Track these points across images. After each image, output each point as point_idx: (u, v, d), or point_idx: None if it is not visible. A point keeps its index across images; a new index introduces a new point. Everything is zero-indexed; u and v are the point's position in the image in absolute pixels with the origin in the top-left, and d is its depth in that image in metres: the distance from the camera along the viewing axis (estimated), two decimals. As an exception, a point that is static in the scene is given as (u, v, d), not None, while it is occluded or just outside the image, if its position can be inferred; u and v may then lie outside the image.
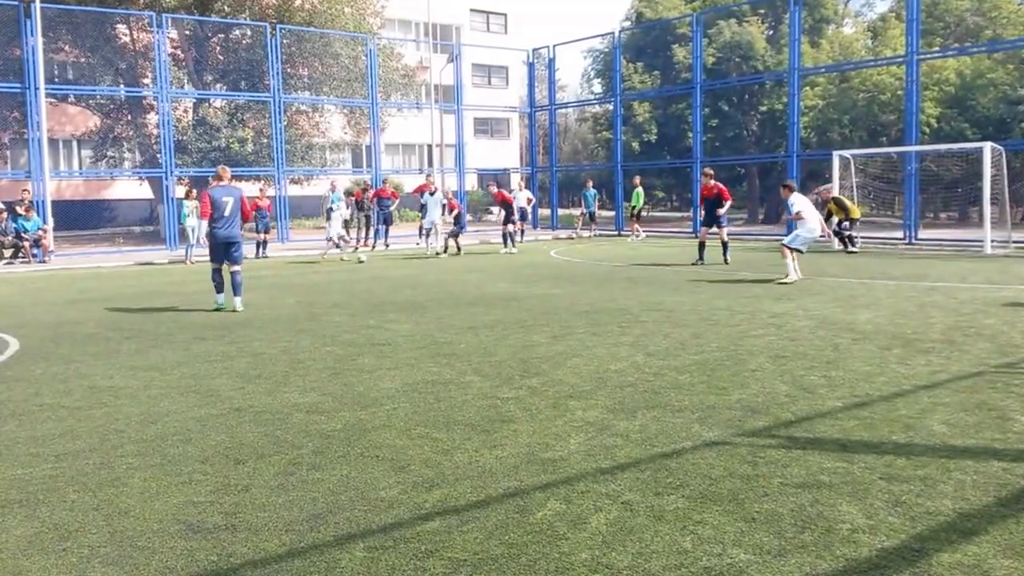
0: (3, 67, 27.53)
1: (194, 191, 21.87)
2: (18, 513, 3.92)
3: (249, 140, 29.45)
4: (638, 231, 26.78)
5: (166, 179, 25.36)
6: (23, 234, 21.42)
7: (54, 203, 23.68)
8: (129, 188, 36.19)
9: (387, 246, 24.48)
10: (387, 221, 24.72)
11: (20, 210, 21.54)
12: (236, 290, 11.09)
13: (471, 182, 43.05)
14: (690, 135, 30.78)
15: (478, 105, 40.17)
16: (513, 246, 22.29)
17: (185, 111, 30.70)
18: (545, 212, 33.89)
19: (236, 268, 11.14)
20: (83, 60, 31.21)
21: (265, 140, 28.96)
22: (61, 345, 8.68)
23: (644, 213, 26.81)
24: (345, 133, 35.17)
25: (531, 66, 35.64)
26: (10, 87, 25.28)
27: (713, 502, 3.90)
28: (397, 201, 25.37)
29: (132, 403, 6.04)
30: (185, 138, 28.29)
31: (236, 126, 29.63)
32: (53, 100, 26.91)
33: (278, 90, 27.33)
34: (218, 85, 31.90)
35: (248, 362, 7.50)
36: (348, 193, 26.53)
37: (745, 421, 5.27)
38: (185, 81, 31.03)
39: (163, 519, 3.80)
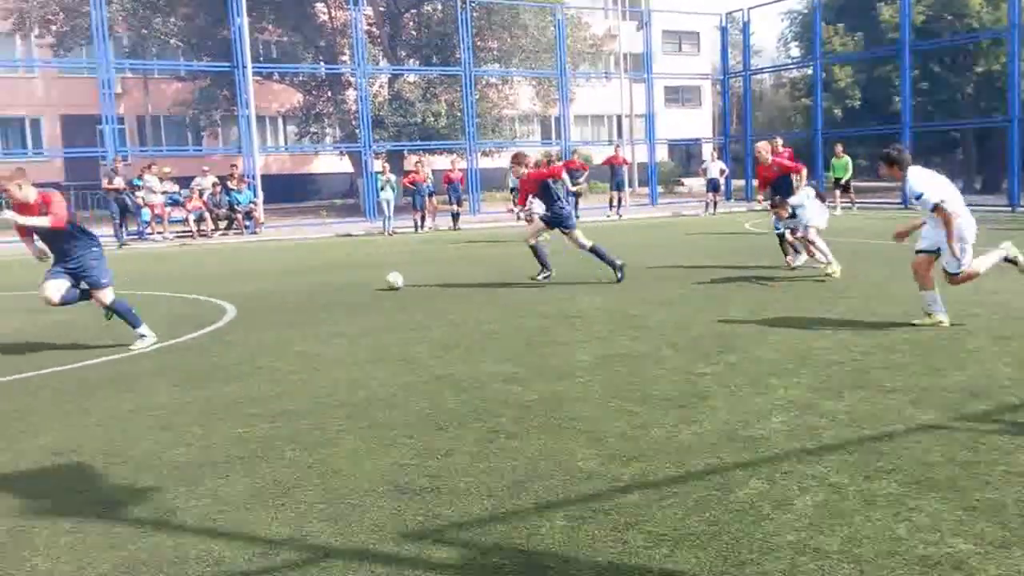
0: (213, 48, 29.91)
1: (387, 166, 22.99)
2: (240, 469, 4.32)
3: (443, 114, 30.41)
4: (842, 201, 24.93)
5: (364, 153, 26.71)
6: (236, 206, 23.30)
7: (262, 177, 25.51)
8: (331, 162, 38.42)
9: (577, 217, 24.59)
10: (576, 195, 24.78)
11: (232, 184, 23.41)
12: None
13: (662, 153, 42.39)
14: (897, 99, 28.72)
15: (668, 73, 39.31)
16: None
17: (381, 87, 32.12)
18: (739, 183, 32.85)
19: None
20: (285, 39, 33.34)
21: (458, 114, 29.79)
22: (273, 312, 9.41)
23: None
24: (534, 105, 35.53)
25: (724, 30, 34.43)
26: (220, 67, 27.44)
27: (929, 488, 3.70)
28: (587, 173, 25.37)
29: (340, 369, 6.48)
30: (381, 113, 29.61)
31: (430, 100, 30.67)
32: (259, 79, 28.88)
33: (469, 63, 28.00)
34: (411, 60, 33.14)
35: (445, 331, 7.83)
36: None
37: (964, 404, 4.93)
38: (380, 57, 32.46)
39: (372, 479, 4.07)
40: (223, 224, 23.46)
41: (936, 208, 6.94)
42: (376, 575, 3.09)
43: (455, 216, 23.35)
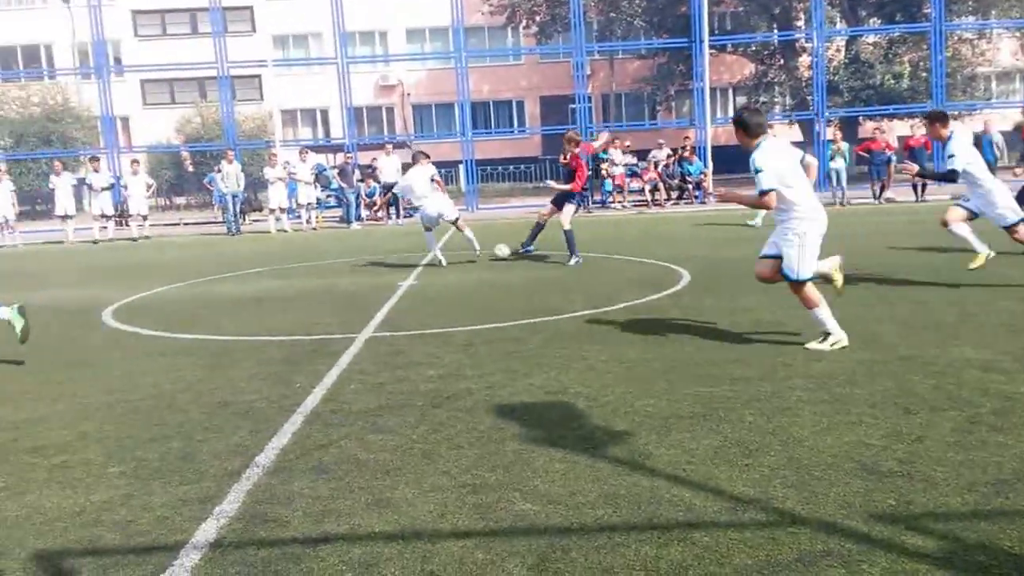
0: (672, 25, 30.65)
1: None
2: (704, 426, 4.45)
3: (905, 75, 27.93)
4: None
5: (817, 121, 25.58)
6: (687, 177, 23.83)
7: (713, 148, 25.72)
8: (779, 132, 37.31)
9: None
10: None
11: (685, 155, 23.94)
12: None
13: None
14: None
15: None
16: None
17: (837, 50, 30.40)
18: None
19: None
20: (740, 10, 33.01)
21: (923, 75, 27.12)
22: (726, 279, 9.50)
23: None
24: (1016, 60, 30.98)
25: None
26: (678, 42, 28.07)
27: None
28: None
29: (795, 339, 6.32)
30: (836, 78, 28.06)
31: (891, 61, 28.32)
32: (714, 51, 29.02)
33: (940, 18, 25.22)
34: (872, 20, 30.80)
35: (910, 309, 7.25)
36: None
37: None
38: (837, 19, 30.68)
39: (836, 455, 3.94)
40: (674, 194, 24.17)
41: (763, 194, 5.76)
42: (847, 551, 3.01)
43: (916, 188, 21.28)
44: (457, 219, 12.70)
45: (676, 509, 3.42)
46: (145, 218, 22.62)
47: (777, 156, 5.85)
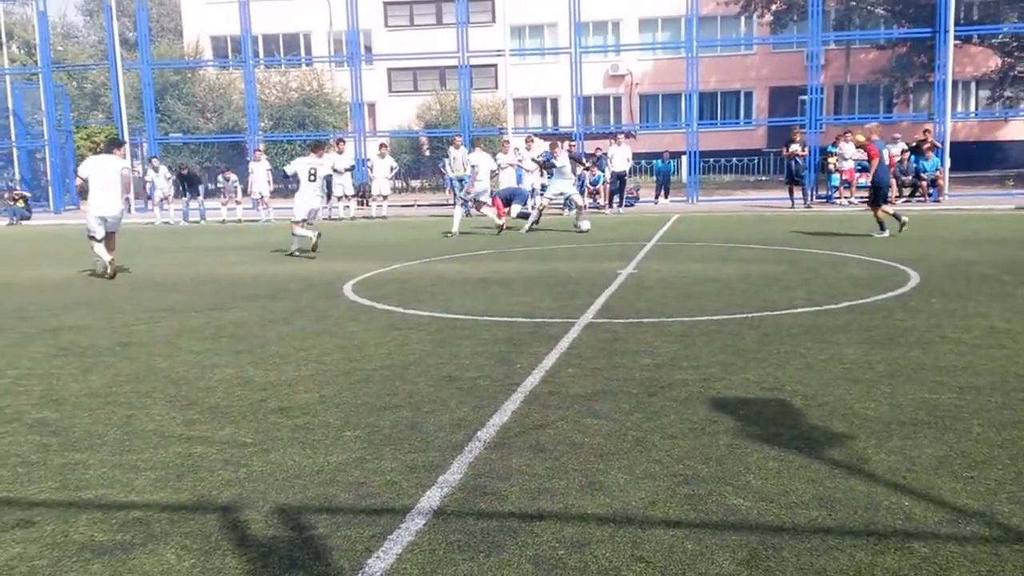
0: (914, 14, 28.23)
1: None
2: (927, 434, 4.17)
3: None
4: None
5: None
6: (922, 174, 21.97)
7: (951, 144, 23.52)
8: (1023, 129, 33.53)
9: None
10: None
11: (923, 149, 22.06)
12: None
13: None
14: None
15: None
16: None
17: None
18: None
19: None
20: (992, -1, 29.79)
21: None
22: (957, 282, 8.75)
23: None
24: None
25: None
26: (920, 33, 25.83)
27: None
28: None
29: (1035, 350, 5.76)
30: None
31: None
32: (958, 42, 26.41)
33: None
34: None
35: None
36: None
37: None
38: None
39: (1075, 476, 3.58)
40: (907, 192, 22.38)
41: None
42: (1085, 579, 2.76)
43: None
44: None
45: (894, 517, 3.26)
46: (385, 198, 23.47)
47: None
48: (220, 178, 24.51)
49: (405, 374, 5.64)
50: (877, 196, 13.68)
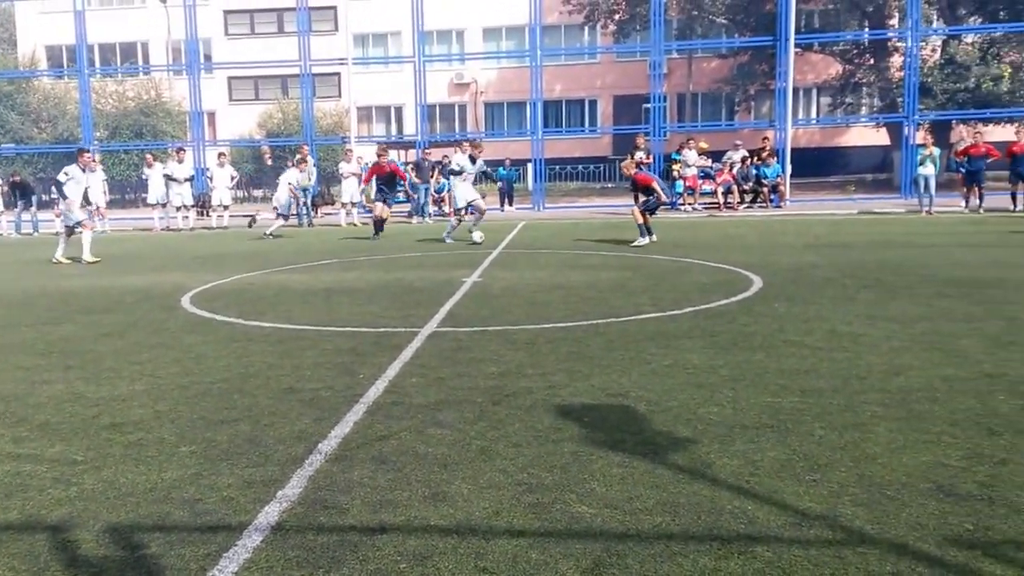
0: (755, 23, 30.19)
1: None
2: (770, 437, 4.37)
3: (1005, 78, 26.98)
4: None
5: (906, 125, 24.90)
6: (763, 180, 23.44)
7: (791, 150, 25.25)
8: (864, 135, 36.57)
9: None
10: None
11: (763, 157, 23.57)
12: None
13: None
14: None
15: None
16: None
17: (932, 50, 29.53)
18: None
19: None
20: (830, 7, 32.30)
21: (1024, 76, 26.22)
22: (800, 286, 9.32)
23: None
24: None
25: None
26: (762, 41, 27.63)
27: None
28: None
29: (872, 351, 6.18)
30: (929, 80, 27.26)
31: (990, 63, 27.40)
32: (799, 50, 28.48)
33: (1049, 16, 24.28)
34: (972, 19, 29.84)
35: (1000, 326, 6.98)
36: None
37: None
38: (935, 18, 29.82)
39: (911, 474, 3.83)
40: (749, 197, 23.80)
41: None
42: (918, 574, 2.92)
43: (1015, 197, 20.46)
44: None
45: (738, 521, 3.37)
46: (226, 208, 23.64)
47: None
48: (53, 188, 23.36)
49: (244, 387, 5.64)
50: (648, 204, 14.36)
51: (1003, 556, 3.05)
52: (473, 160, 15.70)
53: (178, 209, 23.16)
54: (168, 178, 22.94)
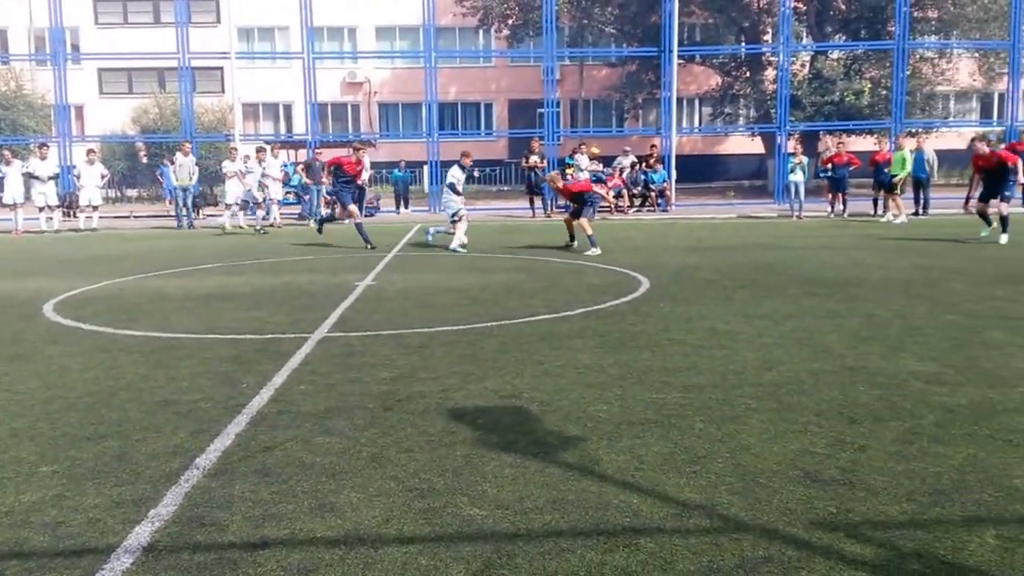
0: (642, 34, 30.95)
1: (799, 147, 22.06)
2: (655, 432, 4.51)
3: (866, 92, 28.45)
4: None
5: (779, 134, 25.96)
6: (651, 185, 24.05)
7: (676, 157, 25.97)
8: (742, 143, 37.94)
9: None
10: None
11: (650, 163, 24.17)
12: None
13: None
14: None
15: None
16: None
17: (802, 65, 30.90)
18: None
19: None
20: (711, 22, 33.41)
21: (883, 92, 27.66)
22: (684, 287, 9.62)
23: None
24: (974, 80, 31.72)
25: None
26: (648, 52, 28.31)
27: None
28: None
29: (748, 348, 6.45)
30: (799, 92, 28.51)
31: (852, 78, 28.86)
32: (682, 61, 29.31)
33: (903, 36, 25.70)
34: (838, 36, 31.35)
35: (860, 322, 7.40)
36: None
37: None
38: (804, 34, 31.17)
39: (781, 462, 4.03)
40: (638, 201, 24.37)
41: None
42: (787, 558, 3.07)
43: (875, 203, 21.63)
44: None
45: (623, 515, 3.47)
46: (96, 209, 22.15)
47: None
48: None
49: (113, 400, 5.29)
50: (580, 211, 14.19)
51: (863, 536, 3.25)
52: (463, 168, 15.44)
53: (41, 210, 21.47)
54: (30, 176, 21.44)
